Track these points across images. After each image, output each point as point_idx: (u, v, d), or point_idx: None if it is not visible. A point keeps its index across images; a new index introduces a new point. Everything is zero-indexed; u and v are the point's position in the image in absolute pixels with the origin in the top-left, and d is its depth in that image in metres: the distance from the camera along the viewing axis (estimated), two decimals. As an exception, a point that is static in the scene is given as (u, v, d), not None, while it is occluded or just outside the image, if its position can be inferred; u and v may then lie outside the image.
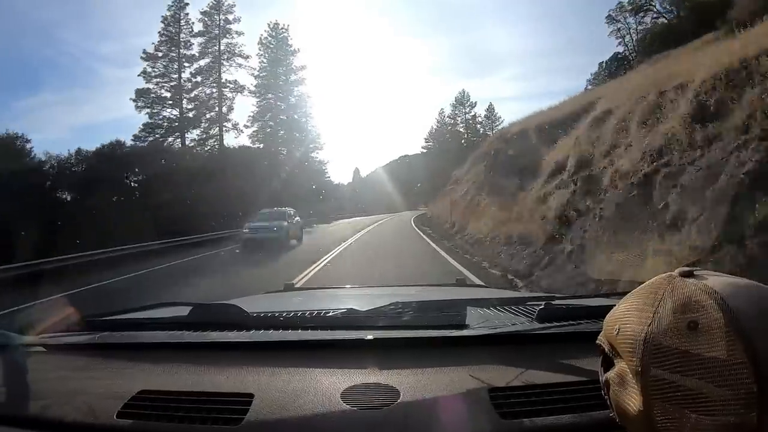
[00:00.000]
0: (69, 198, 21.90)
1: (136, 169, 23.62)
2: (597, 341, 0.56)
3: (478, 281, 6.43)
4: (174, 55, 33.52)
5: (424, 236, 16.73)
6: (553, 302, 1.14)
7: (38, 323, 1.15)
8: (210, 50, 34.75)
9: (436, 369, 0.85)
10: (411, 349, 0.93)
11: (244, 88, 36.64)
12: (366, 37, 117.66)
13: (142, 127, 32.21)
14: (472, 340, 0.94)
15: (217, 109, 34.87)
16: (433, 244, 13.51)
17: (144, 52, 32.72)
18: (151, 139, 31.83)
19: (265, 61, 38.74)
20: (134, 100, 31.99)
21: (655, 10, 34.50)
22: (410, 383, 0.80)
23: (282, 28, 39.26)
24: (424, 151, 70.51)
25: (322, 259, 10.27)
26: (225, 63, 35.33)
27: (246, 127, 37.51)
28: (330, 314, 1.13)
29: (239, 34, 35.54)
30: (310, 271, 8.58)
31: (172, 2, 33.22)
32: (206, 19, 34.27)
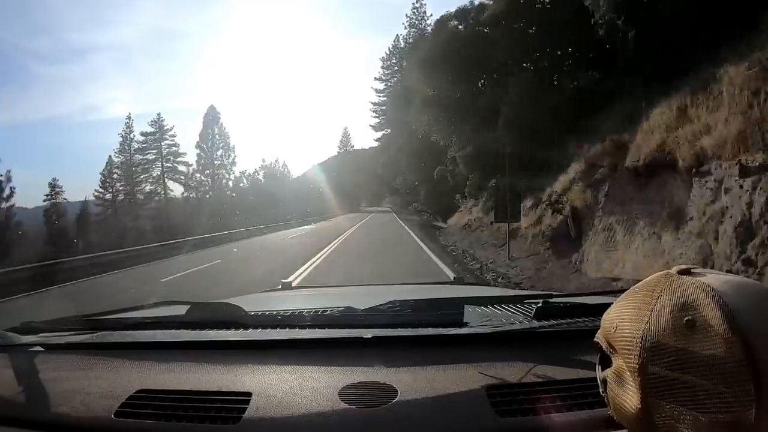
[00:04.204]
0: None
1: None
2: (594, 339, 0.56)
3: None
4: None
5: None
6: (550, 300, 1.14)
7: (36, 322, 1.14)
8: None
9: (434, 367, 0.85)
10: (409, 348, 0.93)
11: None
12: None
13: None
14: (470, 339, 0.94)
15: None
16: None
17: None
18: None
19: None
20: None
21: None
22: (408, 381, 0.80)
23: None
24: (375, 133, 47.21)
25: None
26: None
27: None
28: (328, 313, 1.13)
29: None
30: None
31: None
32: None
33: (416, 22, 35.92)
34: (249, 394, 0.78)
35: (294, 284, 3.12)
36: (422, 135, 21.28)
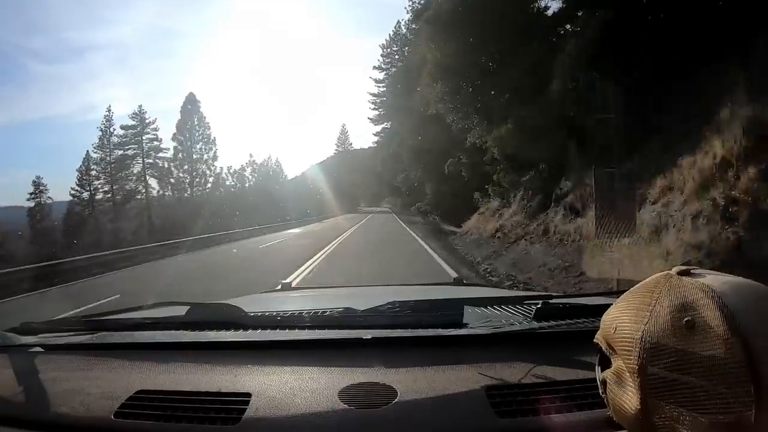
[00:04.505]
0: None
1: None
2: (594, 340, 0.56)
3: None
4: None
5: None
6: (550, 301, 1.14)
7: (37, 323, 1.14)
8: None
9: (433, 368, 0.85)
10: (408, 349, 0.93)
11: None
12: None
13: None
14: (470, 339, 0.94)
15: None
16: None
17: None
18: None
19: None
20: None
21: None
22: (408, 382, 0.80)
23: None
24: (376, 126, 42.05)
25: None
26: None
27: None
28: (327, 313, 1.13)
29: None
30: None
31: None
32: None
33: (418, 8, 33.51)
34: (248, 395, 0.78)
35: (293, 285, 3.11)
36: (428, 125, 17.78)
